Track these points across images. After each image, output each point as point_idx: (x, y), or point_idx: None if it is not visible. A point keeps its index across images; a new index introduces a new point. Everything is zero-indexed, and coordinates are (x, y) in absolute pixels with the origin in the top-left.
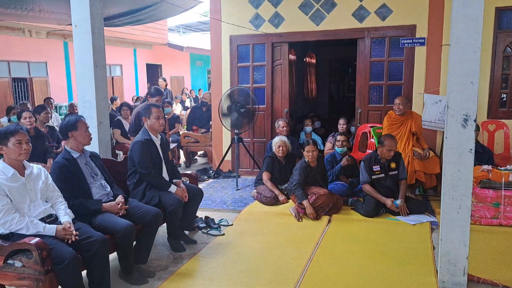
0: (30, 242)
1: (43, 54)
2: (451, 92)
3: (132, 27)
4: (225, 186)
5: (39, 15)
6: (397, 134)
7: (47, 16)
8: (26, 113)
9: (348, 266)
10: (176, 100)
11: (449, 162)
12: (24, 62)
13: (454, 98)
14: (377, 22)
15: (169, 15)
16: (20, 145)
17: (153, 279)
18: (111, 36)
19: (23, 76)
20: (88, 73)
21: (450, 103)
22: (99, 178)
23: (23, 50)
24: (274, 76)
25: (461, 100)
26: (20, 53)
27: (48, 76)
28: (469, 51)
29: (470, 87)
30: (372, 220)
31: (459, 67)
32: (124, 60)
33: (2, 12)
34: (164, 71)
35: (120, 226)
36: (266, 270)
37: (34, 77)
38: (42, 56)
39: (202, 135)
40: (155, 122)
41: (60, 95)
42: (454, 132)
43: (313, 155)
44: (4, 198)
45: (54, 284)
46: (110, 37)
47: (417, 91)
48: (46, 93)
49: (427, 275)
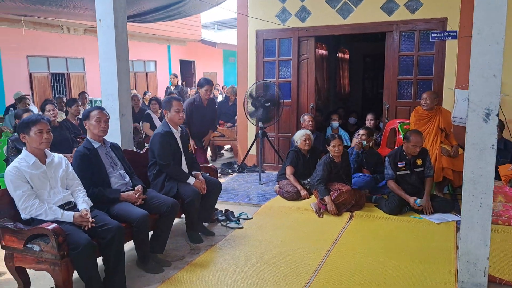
0: (48, 227)
1: (80, 50)
2: (473, 85)
3: (166, 24)
4: (248, 180)
5: (74, 12)
6: (425, 130)
7: (81, 12)
8: (49, 105)
9: (366, 262)
10: None
11: (469, 158)
12: (62, 58)
13: (475, 91)
14: (406, 15)
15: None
16: (41, 134)
17: (168, 269)
18: (146, 33)
19: (61, 71)
20: (111, 66)
21: (471, 97)
22: (119, 168)
23: (61, 47)
24: (300, 71)
25: (483, 93)
26: (59, 49)
27: (85, 71)
28: (491, 42)
29: (492, 80)
30: (395, 218)
31: (481, 59)
32: (159, 56)
33: (40, 9)
34: (197, 67)
35: (136, 216)
36: (281, 264)
37: (71, 72)
38: (79, 52)
39: (227, 130)
40: (175, 115)
41: (96, 90)
42: (475, 127)
43: (339, 150)
44: (25, 185)
45: (70, 268)
46: (145, 33)
47: (448, 87)
48: (83, 87)
49: (447, 275)
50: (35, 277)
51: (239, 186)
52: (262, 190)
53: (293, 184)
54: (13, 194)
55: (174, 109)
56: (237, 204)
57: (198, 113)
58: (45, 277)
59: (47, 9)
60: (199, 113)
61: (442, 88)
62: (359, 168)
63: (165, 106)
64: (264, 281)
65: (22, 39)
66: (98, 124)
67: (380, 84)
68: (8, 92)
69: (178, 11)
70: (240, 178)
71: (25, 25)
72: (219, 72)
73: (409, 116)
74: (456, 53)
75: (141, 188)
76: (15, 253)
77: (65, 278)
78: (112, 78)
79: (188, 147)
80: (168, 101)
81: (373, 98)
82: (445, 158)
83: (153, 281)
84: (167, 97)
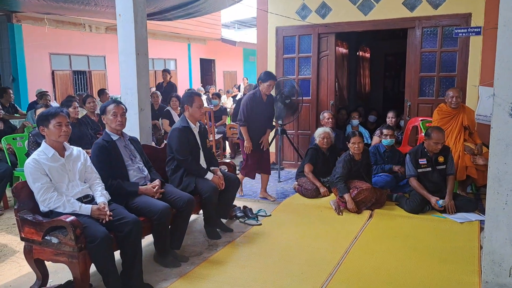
0: (66, 219)
1: (102, 49)
2: (498, 79)
3: (187, 22)
4: None
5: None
6: (448, 127)
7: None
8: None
9: (385, 261)
10: (228, 94)
11: (494, 154)
12: (84, 56)
13: (501, 85)
14: (429, 11)
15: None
16: (60, 127)
17: (186, 264)
18: (166, 31)
19: (83, 69)
20: (131, 61)
21: (496, 91)
22: (138, 161)
23: (83, 45)
24: (320, 68)
25: (509, 87)
26: (81, 47)
27: (106, 69)
28: None
29: None
30: (417, 217)
31: (507, 52)
32: (179, 55)
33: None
34: (217, 66)
35: (158, 208)
36: (299, 261)
37: (93, 70)
38: (101, 50)
39: None
40: (197, 110)
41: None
42: (501, 122)
43: (359, 147)
44: (44, 177)
45: (87, 261)
46: (165, 32)
47: (472, 84)
48: (104, 85)
49: (470, 275)
50: (54, 270)
51: (257, 184)
52: (281, 188)
53: (312, 182)
54: (32, 186)
55: (196, 104)
56: (256, 201)
57: (257, 109)
58: (63, 270)
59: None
60: (258, 109)
61: (465, 85)
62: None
63: (186, 101)
64: (282, 278)
65: (45, 37)
66: (114, 118)
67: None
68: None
69: (198, 8)
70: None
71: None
72: (239, 71)
73: (431, 114)
74: (481, 50)
75: (159, 182)
76: (34, 245)
77: (82, 271)
78: (131, 73)
79: (206, 142)
80: (189, 96)
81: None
82: (469, 156)
83: (171, 276)
84: (188, 92)
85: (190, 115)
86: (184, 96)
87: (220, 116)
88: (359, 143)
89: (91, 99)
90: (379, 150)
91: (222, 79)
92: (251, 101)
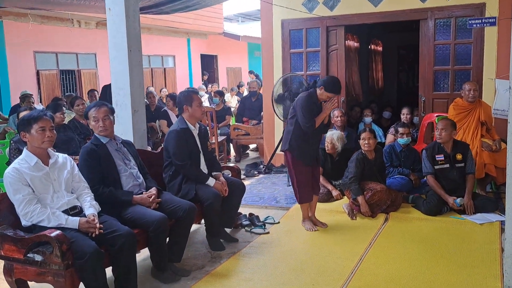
0: (50, 234)
1: (92, 46)
2: None
3: (186, 16)
4: (275, 182)
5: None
6: (465, 123)
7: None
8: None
9: (402, 268)
10: (232, 93)
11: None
12: (72, 53)
13: None
14: (441, 1)
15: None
16: (44, 132)
17: (186, 279)
18: (163, 26)
19: (71, 68)
20: (122, 58)
21: None
22: (132, 165)
23: (71, 42)
24: (329, 62)
25: None
26: (68, 44)
27: (97, 68)
28: None
29: None
30: (434, 219)
31: None
32: (178, 51)
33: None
34: (220, 62)
35: (153, 219)
36: (310, 271)
37: (82, 69)
38: (91, 47)
39: (252, 127)
40: (197, 110)
41: None
42: None
43: (369, 144)
44: (25, 188)
45: (75, 280)
46: (162, 27)
47: (488, 77)
48: (95, 85)
49: (491, 279)
50: None
51: (265, 188)
52: (290, 192)
53: (323, 185)
54: (12, 198)
55: (196, 103)
56: (263, 208)
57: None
58: None
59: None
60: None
61: (481, 78)
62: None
63: (184, 101)
64: None
65: (29, 34)
66: (96, 124)
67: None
68: (15, 91)
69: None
70: (266, 179)
71: (32, 19)
72: (244, 67)
73: (446, 109)
74: (496, 41)
75: (155, 190)
76: (15, 264)
77: None
78: (123, 71)
79: (207, 145)
80: (187, 95)
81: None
82: (487, 153)
83: None
84: (185, 91)
85: (190, 115)
86: (181, 97)
87: (223, 116)
88: (369, 139)
89: (80, 101)
90: (395, 150)
91: (226, 76)
92: (310, 101)
